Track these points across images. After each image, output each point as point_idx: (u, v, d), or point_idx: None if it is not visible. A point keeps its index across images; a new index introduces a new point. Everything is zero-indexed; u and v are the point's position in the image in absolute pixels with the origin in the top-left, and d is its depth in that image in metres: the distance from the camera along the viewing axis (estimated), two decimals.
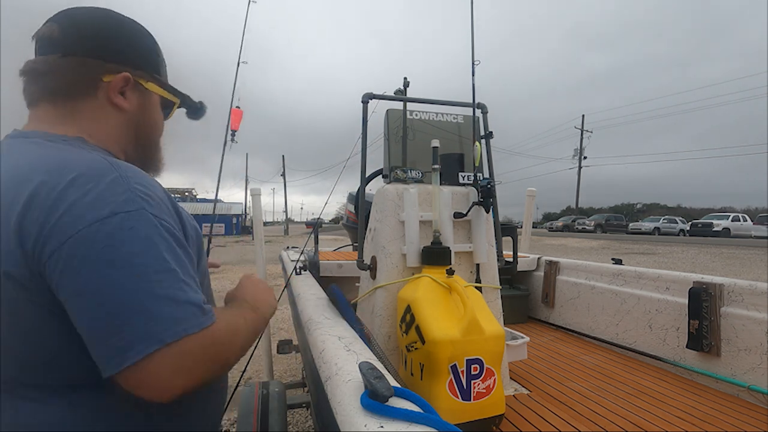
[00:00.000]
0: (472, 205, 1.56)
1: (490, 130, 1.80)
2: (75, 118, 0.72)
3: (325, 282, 2.27)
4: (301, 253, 2.41)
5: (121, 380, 0.55)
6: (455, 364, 1.18)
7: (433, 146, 1.51)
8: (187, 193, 48.76)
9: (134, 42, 0.78)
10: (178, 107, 0.92)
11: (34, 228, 0.55)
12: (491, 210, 1.61)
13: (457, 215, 1.57)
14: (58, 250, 0.54)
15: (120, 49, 0.75)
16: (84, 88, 0.72)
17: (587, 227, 29.36)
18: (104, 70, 0.73)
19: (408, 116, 1.81)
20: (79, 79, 0.71)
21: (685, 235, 24.89)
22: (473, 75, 1.64)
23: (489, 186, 1.50)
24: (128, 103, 0.76)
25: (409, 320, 1.29)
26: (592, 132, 37.17)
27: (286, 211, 41.74)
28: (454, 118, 1.87)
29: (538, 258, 2.99)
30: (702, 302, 1.78)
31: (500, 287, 1.71)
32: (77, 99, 0.72)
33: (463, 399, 1.19)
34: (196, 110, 0.95)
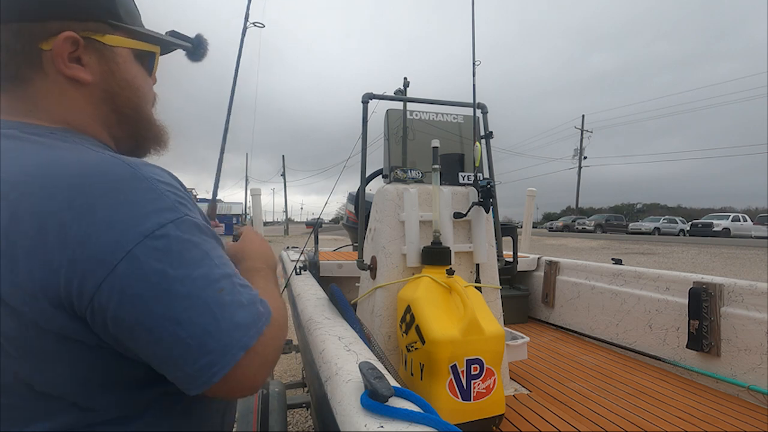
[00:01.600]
0: (472, 205, 1.56)
1: (490, 130, 1.80)
2: (36, 104, 0.56)
3: (325, 282, 2.27)
4: (301, 253, 2.41)
5: (211, 392, 0.52)
6: (455, 364, 1.18)
7: (433, 146, 1.51)
8: None
9: None
10: (164, 53, 0.73)
11: (70, 248, 0.45)
12: (491, 210, 1.61)
13: (457, 215, 1.57)
14: (106, 281, 0.46)
15: (52, 2, 0.55)
16: (24, 64, 0.55)
17: (587, 227, 29.36)
18: (38, 35, 0.54)
19: (408, 116, 1.81)
20: (13, 54, 0.54)
21: (685, 235, 24.89)
22: (474, 75, 1.64)
23: (489, 186, 1.50)
24: (88, 72, 0.58)
25: (409, 320, 1.29)
26: (592, 132, 37.20)
27: (286, 211, 41.76)
28: (454, 118, 1.87)
29: (538, 258, 2.99)
30: (702, 302, 1.78)
31: (500, 287, 1.71)
32: (28, 82, 0.56)
33: (463, 399, 1.19)
34: (194, 49, 0.76)
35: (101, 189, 0.48)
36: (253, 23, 1.34)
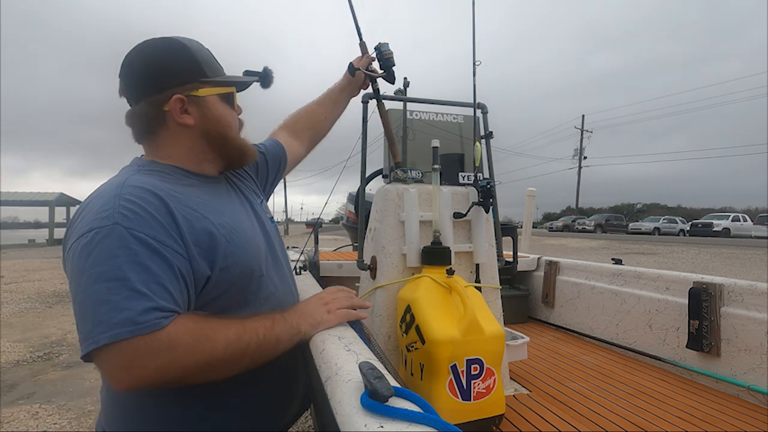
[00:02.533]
0: (472, 205, 1.55)
1: (490, 130, 1.80)
2: (159, 146, 0.88)
3: (325, 282, 2.26)
4: (301, 253, 2.41)
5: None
6: (455, 364, 1.18)
7: (433, 146, 1.51)
8: None
9: (172, 64, 0.85)
10: (242, 89, 0.99)
11: (64, 242, 0.75)
12: (491, 210, 1.60)
13: (457, 215, 1.57)
14: (65, 257, 0.74)
15: (165, 79, 0.84)
16: (156, 124, 0.85)
17: (587, 227, 29.35)
18: (160, 102, 0.83)
19: (408, 116, 1.81)
20: (150, 120, 0.85)
21: (685, 235, 24.88)
22: (474, 75, 1.64)
23: (489, 186, 1.50)
24: (192, 118, 0.86)
25: (409, 320, 1.29)
26: (592, 132, 37.19)
27: (285, 211, 41.73)
28: (454, 118, 1.86)
29: (538, 258, 2.99)
30: (702, 302, 1.78)
31: (500, 287, 1.71)
32: (158, 133, 0.86)
33: (463, 399, 1.19)
34: (262, 81, 1.00)
35: (95, 200, 0.74)
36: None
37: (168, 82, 0.83)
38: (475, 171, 1.59)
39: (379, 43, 1.39)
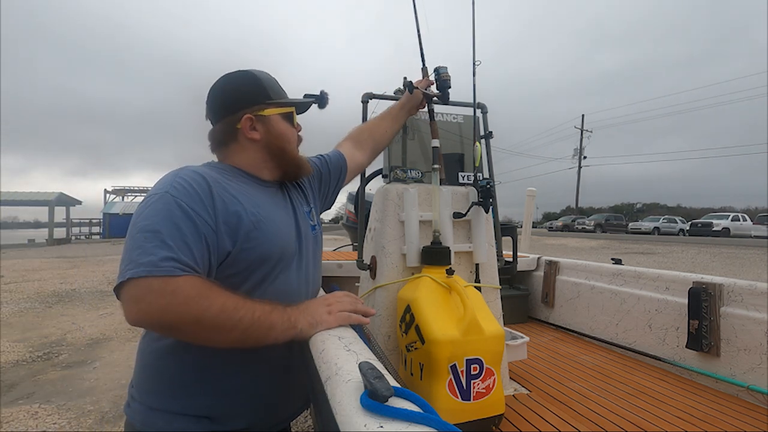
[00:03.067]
0: (472, 205, 1.55)
1: (490, 129, 1.80)
2: (228, 156, 1.06)
3: (325, 282, 2.26)
4: None
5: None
6: (455, 364, 1.18)
7: (433, 146, 1.51)
8: None
9: (243, 90, 1.03)
10: (303, 110, 1.16)
11: None
12: (491, 210, 1.60)
13: (457, 215, 1.57)
14: None
15: (238, 102, 1.02)
16: (229, 138, 1.04)
17: (587, 227, 29.35)
18: (234, 122, 1.02)
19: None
20: (225, 135, 1.04)
21: (684, 235, 24.88)
22: (474, 75, 1.64)
23: (488, 186, 1.50)
24: (258, 133, 1.03)
25: (408, 320, 1.29)
26: (592, 132, 37.20)
27: None
28: (454, 118, 1.86)
29: (538, 258, 2.99)
30: (702, 302, 1.78)
31: (500, 287, 1.71)
32: (229, 145, 1.05)
33: (462, 399, 1.19)
34: (319, 103, 1.16)
35: (160, 180, 0.92)
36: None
37: (242, 104, 1.02)
38: (474, 171, 1.59)
39: (438, 66, 1.54)
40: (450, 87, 1.55)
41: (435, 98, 1.58)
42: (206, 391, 0.94)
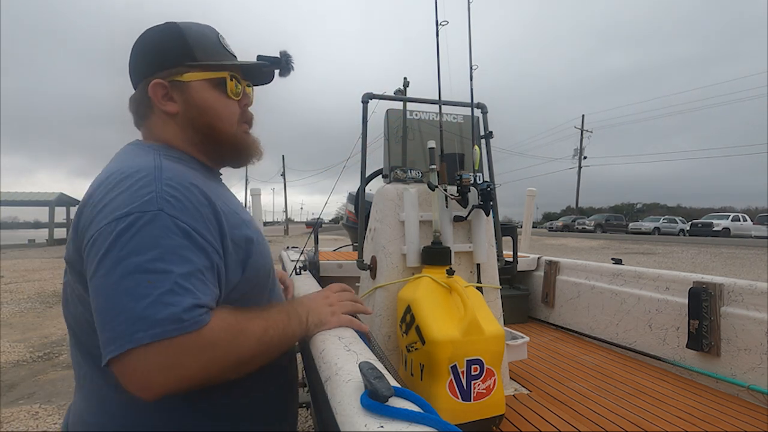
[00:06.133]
0: (472, 208, 1.55)
1: (490, 130, 1.80)
2: (152, 132, 0.83)
3: (325, 282, 2.25)
4: (301, 253, 2.41)
5: (114, 371, 0.59)
6: (455, 365, 1.18)
7: (430, 147, 1.51)
8: None
9: (156, 48, 0.81)
10: (259, 80, 0.92)
11: (86, 222, 0.65)
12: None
13: (457, 218, 1.56)
14: (90, 241, 0.63)
15: (147, 62, 0.80)
16: (144, 108, 0.82)
17: (587, 227, 29.34)
18: (146, 87, 0.79)
19: (408, 116, 1.81)
20: (138, 105, 0.83)
21: (685, 235, 24.87)
22: (471, 79, 1.64)
23: (489, 189, 1.49)
24: (175, 105, 0.80)
25: (409, 320, 1.29)
26: (592, 132, 37.19)
27: (286, 211, 41.74)
28: (454, 119, 1.86)
29: (538, 258, 2.99)
30: (702, 302, 1.78)
31: (500, 287, 1.71)
32: (147, 118, 0.82)
33: (463, 399, 1.19)
34: (280, 68, 0.89)
35: (126, 179, 0.66)
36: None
37: (152, 65, 0.79)
38: (474, 173, 1.59)
39: None
40: None
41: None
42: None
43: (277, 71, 0.91)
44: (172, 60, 0.79)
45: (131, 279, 0.58)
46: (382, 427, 0.48)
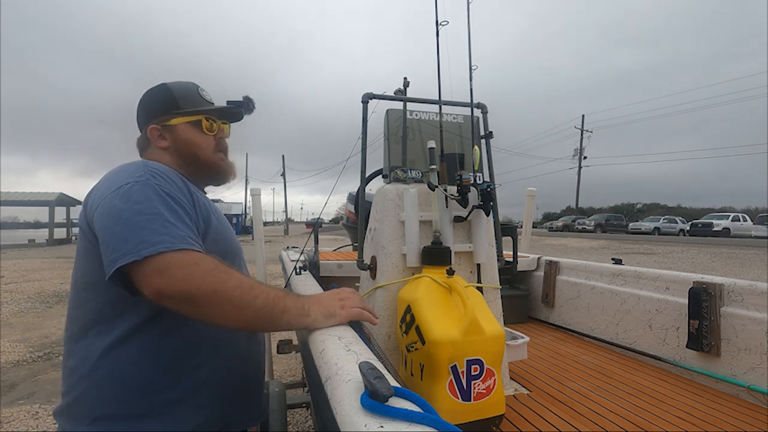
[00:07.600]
0: (472, 208, 1.55)
1: (490, 130, 1.80)
2: (149, 158, 1.09)
3: (325, 282, 2.26)
4: (301, 253, 2.41)
5: (123, 278, 0.79)
6: (455, 365, 1.18)
7: (429, 147, 1.51)
8: None
9: (152, 103, 1.11)
10: (230, 118, 1.19)
11: (93, 198, 0.90)
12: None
13: (457, 218, 1.56)
14: (97, 207, 0.86)
15: (147, 114, 1.10)
16: (146, 146, 1.12)
17: (587, 227, 29.35)
18: (146, 132, 1.10)
19: (408, 116, 1.81)
20: (141, 142, 1.13)
21: (685, 235, 24.87)
22: (471, 80, 1.64)
23: (489, 190, 1.49)
24: (166, 142, 1.09)
25: (409, 320, 1.29)
26: (592, 132, 37.19)
27: (286, 211, 41.74)
28: (454, 119, 1.86)
29: (538, 258, 2.99)
30: (702, 302, 1.78)
31: (500, 287, 1.71)
32: (147, 152, 1.12)
33: (463, 399, 1.19)
34: (244, 108, 1.18)
35: (123, 173, 0.90)
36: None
37: (150, 115, 1.10)
38: (474, 173, 1.59)
39: None
40: None
41: None
42: (177, 387, 0.91)
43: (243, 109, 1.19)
44: (162, 110, 1.09)
45: (134, 218, 0.80)
46: (382, 427, 0.48)
